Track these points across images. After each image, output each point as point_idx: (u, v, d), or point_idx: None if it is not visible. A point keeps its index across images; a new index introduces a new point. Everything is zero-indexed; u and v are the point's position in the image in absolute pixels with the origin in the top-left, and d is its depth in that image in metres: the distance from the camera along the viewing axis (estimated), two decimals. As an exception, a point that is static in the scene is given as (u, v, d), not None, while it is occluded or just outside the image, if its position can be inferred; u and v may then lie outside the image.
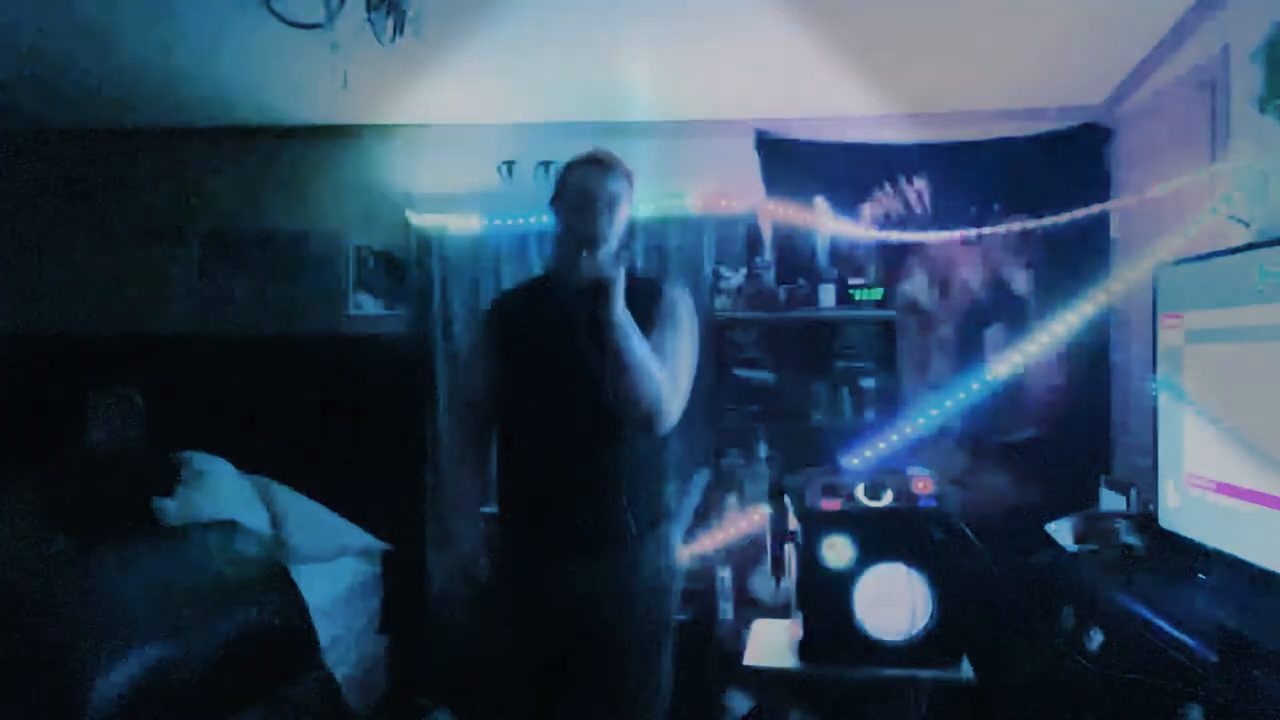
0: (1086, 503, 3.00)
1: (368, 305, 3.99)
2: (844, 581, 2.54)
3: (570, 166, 2.09)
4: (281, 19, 1.89)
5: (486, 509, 2.14)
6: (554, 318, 2.01)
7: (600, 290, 1.87)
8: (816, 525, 2.58)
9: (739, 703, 3.03)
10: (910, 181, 3.66)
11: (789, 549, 2.68)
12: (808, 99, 3.50)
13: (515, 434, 2.10)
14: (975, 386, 3.17)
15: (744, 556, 3.29)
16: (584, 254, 1.93)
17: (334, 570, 3.40)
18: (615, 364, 1.88)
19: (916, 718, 2.64)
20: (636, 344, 1.90)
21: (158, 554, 2.65)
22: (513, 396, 2.09)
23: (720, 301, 3.59)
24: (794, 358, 3.64)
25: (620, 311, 1.88)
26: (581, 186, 2.03)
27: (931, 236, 3.47)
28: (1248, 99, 2.42)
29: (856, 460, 2.95)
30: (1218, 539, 2.25)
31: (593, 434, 2.00)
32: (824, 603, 2.56)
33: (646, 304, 2.03)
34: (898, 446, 3.10)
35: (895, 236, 3.48)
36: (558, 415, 2.01)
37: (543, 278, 2.28)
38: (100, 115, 3.79)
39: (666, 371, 1.96)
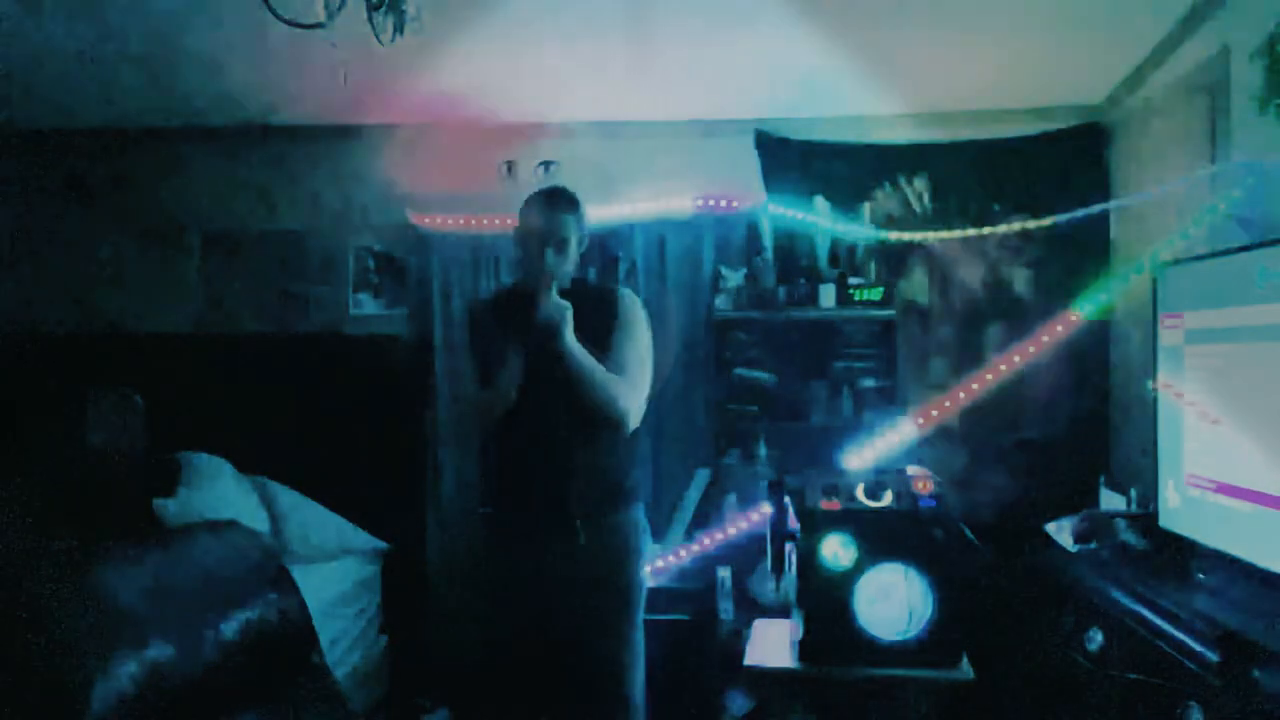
0: (1086, 503, 3.00)
1: (368, 305, 3.99)
2: (844, 581, 2.53)
3: (527, 203, 2.30)
4: (281, 18, 1.88)
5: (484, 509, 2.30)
6: (520, 330, 2.20)
7: (551, 327, 2.13)
8: (816, 525, 2.58)
9: (739, 703, 3.03)
10: (910, 181, 3.66)
11: (789, 549, 2.68)
12: (808, 99, 3.50)
13: (500, 436, 2.33)
14: (975, 386, 3.17)
15: (744, 556, 3.29)
16: (539, 294, 2.14)
17: (334, 570, 3.40)
18: (573, 382, 2.17)
19: (916, 718, 2.63)
20: (588, 364, 2.18)
21: (158, 554, 2.64)
22: None
23: (720, 301, 3.58)
24: (794, 358, 3.64)
25: (570, 342, 2.15)
26: (532, 228, 2.25)
27: (931, 236, 3.47)
28: (1248, 99, 2.42)
29: (856, 460, 2.95)
30: (1218, 539, 2.25)
31: (563, 433, 2.22)
32: (824, 603, 2.56)
33: (602, 311, 2.28)
34: (898, 446, 3.10)
35: (895, 236, 3.48)
36: (533, 417, 2.22)
37: (509, 290, 2.46)
38: (100, 115, 3.78)
39: (626, 375, 2.23)
